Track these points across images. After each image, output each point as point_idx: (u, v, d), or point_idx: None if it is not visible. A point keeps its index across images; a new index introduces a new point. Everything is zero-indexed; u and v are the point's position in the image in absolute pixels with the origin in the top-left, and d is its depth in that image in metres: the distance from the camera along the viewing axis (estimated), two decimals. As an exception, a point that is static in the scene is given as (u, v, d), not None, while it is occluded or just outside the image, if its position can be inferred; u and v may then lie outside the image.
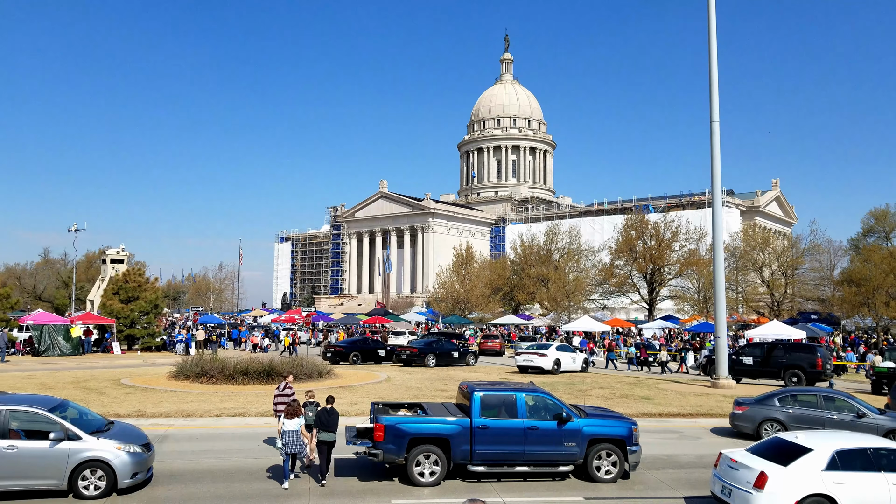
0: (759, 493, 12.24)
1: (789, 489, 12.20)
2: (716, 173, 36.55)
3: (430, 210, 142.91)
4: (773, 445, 13.54)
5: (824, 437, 13.84)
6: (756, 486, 12.34)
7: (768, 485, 12.24)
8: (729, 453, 13.66)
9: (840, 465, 12.49)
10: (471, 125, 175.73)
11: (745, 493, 12.47)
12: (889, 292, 61.78)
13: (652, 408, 27.25)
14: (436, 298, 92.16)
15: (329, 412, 15.81)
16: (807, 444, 13.02)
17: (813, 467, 12.45)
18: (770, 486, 12.22)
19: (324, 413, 15.85)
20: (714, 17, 36.90)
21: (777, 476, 12.33)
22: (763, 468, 12.52)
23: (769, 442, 13.94)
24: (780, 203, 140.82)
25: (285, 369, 30.23)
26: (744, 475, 12.71)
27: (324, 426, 15.70)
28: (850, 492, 12.21)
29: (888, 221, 72.23)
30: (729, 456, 13.50)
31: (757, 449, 13.68)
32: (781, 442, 13.51)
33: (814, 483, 12.27)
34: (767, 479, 12.29)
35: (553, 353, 41.94)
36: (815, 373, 35.52)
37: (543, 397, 16.34)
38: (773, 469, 12.48)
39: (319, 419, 15.88)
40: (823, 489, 12.21)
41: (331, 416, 15.77)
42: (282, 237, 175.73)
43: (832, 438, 13.56)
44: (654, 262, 75.45)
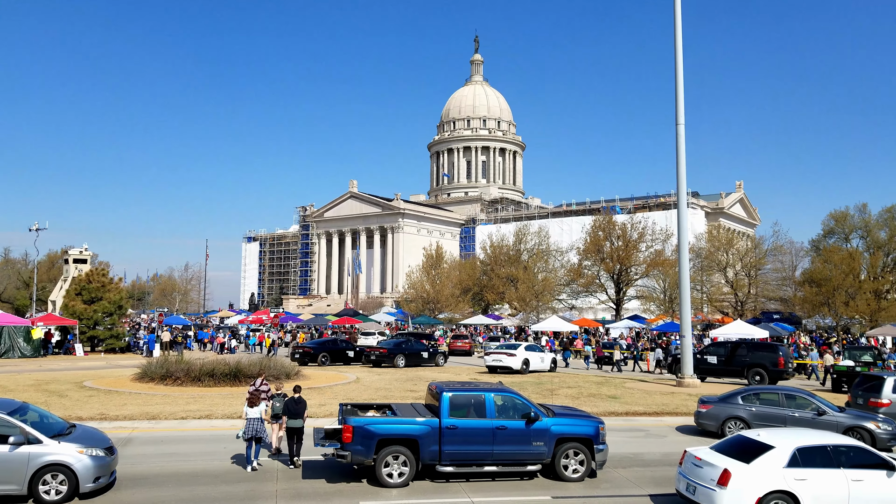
0: (723, 490, 12.42)
1: (752, 486, 12.40)
2: (681, 175, 37.13)
3: (400, 210, 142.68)
4: (736, 443, 13.74)
5: (786, 434, 14.08)
6: (720, 483, 12.51)
7: (731, 482, 12.42)
8: (693, 451, 13.83)
9: (801, 462, 12.72)
10: (441, 126, 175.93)
11: (709, 491, 12.63)
12: (848, 292, 63.32)
13: (619, 407, 27.57)
14: (405, 299, 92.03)
15: (297, 401, 17.14)
16: (769, 441, 13.24)
17: (775, 464, 12.67)
18: (733, 484, 12.40)
19: (291, 402, 17.16)
20: (680, 23, 37.47)
21: (740, 473, 12.53)
22: (726, 466, 12.70)
23: (732, 440, 14.13)
24: (744, 205, 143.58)
25: (253, 371, 30.12)
26: (708, 473, 12.89)
27: (292, 414, 17.01)
28: (810, 488, 12.46)
29: (848, 223, 73.89)
30: (693, 454, 13.66)
31: (721, 447, 13.87)
32: (744, 440, 13.72)
33: (775, 480, 12.48)
34: (731, 477, 12.47)
35: (522, 353, 42.19)
36: (777, 371, 36.30)
37: (512, 397, 16.43)
38: (736, 466, 12.67)
39: (288, 408, 17.16)
40: (785, 486, 12.43)
41: (298, 404, 17.12)
42: (250, 237, 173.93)
43: (793, 436, 13.80)
44: (622, 262, 76.36)
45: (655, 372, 44.76)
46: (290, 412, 17.05)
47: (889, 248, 69.68)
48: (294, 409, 17.08)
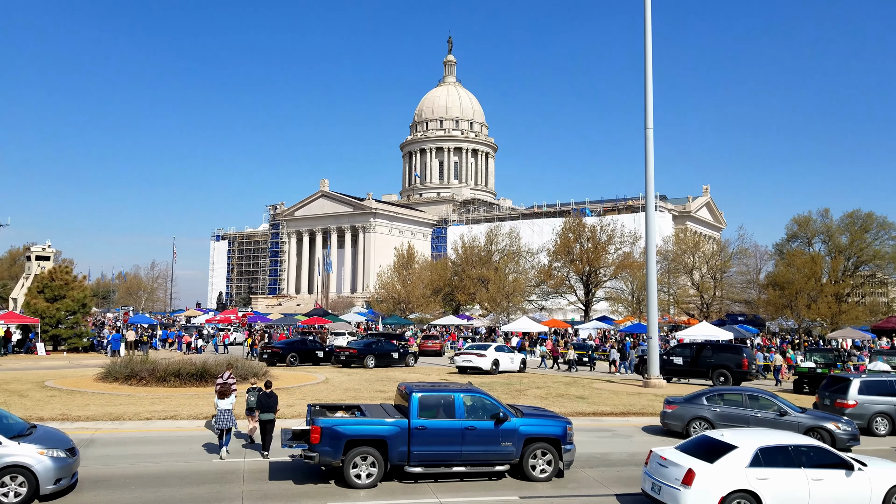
0: (688, 490, 12.60)
1: (715, 485, 12.59)
2: (649, 179, 37.62)
3: (371, 210, 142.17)
4: (701, 443, 13.94)
5: (749, 434, 14.31)
6: (684, 482, 12.68)
7: (696, 481, 12.60)
8: (659, 451, 13.99)
9: (763, 461, 12.96)
10: (413, 126, 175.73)
11: (674, 490, 12.80)
12: (810, 295, 64.65)
13: (586, 407, 27.83)
14: (376, 299, 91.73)
15: (269, 395, 18.18)
16: (732, 441, 13.45)
17: (738, 464, 12.88)
18: (697, 483, 12.58)
19: (264, 396, 18.19)
20: (650, 33, 37.94)
21: (704, 473, 12.71)
22: (691, 465, 12.88)
23: (697, 440, 14.32)
24: (710, 209, 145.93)
25: (220, 371, 29.86)
26: (673, 472, 13.06)
27: (265, 408, 18.11)
28: (772, 487, 12.71)
29: (810, 228, 75.48)
30: (659, 454, 13.83)
31: (685, 447, 14.06)
32: (708, 440, 13.92)
33: (738, 479, 12.69)
34: (695, 476, 12.65)
35: (492, 354, 42.37)
36: (741, 372, 36.96)
37: (481, 397, 16.49)
38: (700, 466, 12.85)
39: (261, 401, 18.21)
40: (747, 485, 12.64)
41: (270, 398, 18.16)
42: (218, 235, 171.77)
43: (756, 436, 14.03)
44: (591, 264, 77.07)
45: (611, 371, 45.42)
46: (263, 406, 18.09)
47: (850, 252, 71.38)
48: (266, 403, 18.11)
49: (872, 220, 71.78)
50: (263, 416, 18.10)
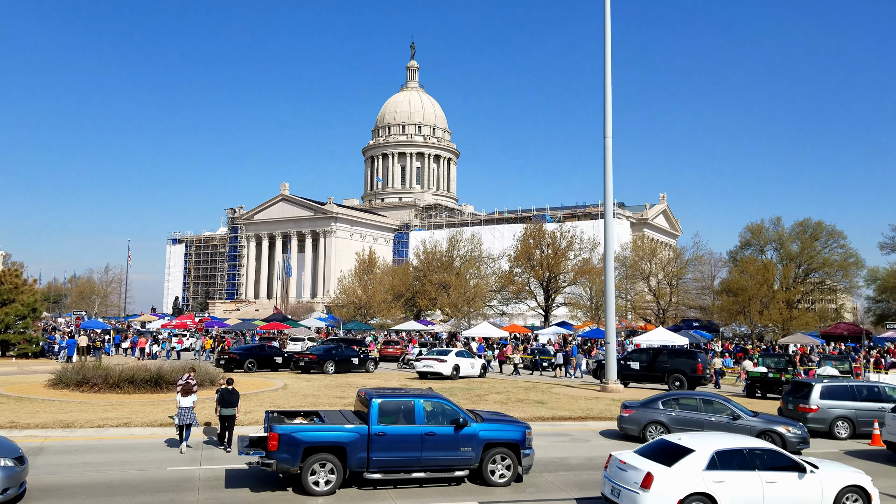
0: (646, 493, 12.78)
1: (673, 488, 12.80)
2: (608, 187, 38.23)
3: (333, 214, 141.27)
4: (659, 447, 14.17)
5: (705, 438, 14.60)
6: (643, 486, 12.87)
7: (654, 485, 12.79)
8: (618, 455, 14.17)
9: (719, 464, 13.21)
10: (376, 130, 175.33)
11: (633, 494, 12.98)
12: (763, 301, 66.36)
13: (545, 411, 28.08)
14: (337, 304, 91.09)
15: (230, 392, 19.25)
16: (689, 445, 13.72)
17: (694, 467, 13.13)
18: (656, 486, 12.78)
19: (226, 392, 19.23)
20: (609, 44, 38.61)
21: (662, 476, 12.92)
22: (649, 469, 13.08)
23: (655, 444, 14.55)
24: (667, 216, 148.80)
25: (175, 377, 29.41)
26: (632, 476, 13.24)
27: (225, 403, 19.14)
28: (727, 490, 12.96)
29: (763, 236, 77.32)
30: (618, 458, 14.01)
31: (644, 450, 14.28)
32: (666, 443, 14.17)
33: (695, 482, 12.93)
34: (654, 480, 12.84)
35: (452, 359, 42.42)
36: (695, 377, 37.76)
37: (441, 403, 16.51)
38: (658, 469, 13.06)
39: (222, 397, 19.17)
40: (704, 488, 12.89)
41: (231, 394, 19.23)
42: (175, 239, 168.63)
43: (712, 439, 14.33)
44: (551, 269, 77.82)
45: (555, 375, 46.15)
46: (224, 401, 19.13)
47: (800, 260, 73.37)
48: (228, 399, 19.16)
49: (822, 229, 73.87)
50: (224, 411, 19.17)
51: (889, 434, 20.98)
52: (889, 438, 20.99)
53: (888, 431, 21.06)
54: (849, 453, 21.54)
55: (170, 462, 17.66)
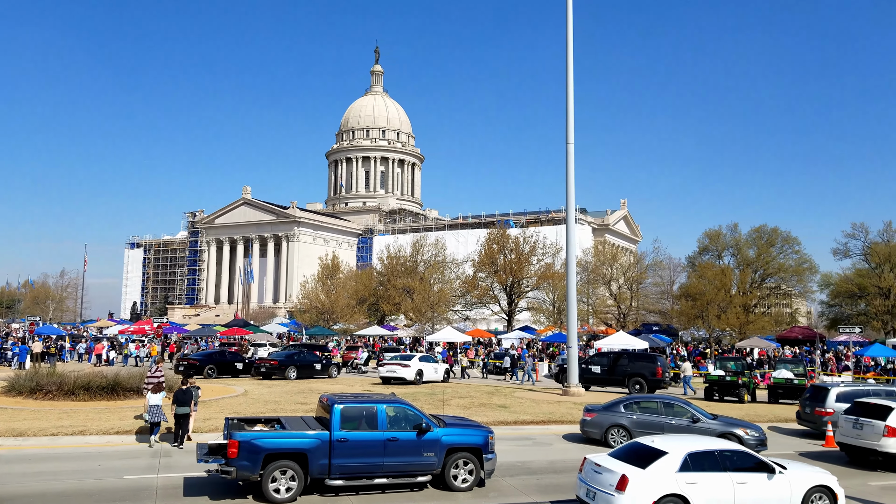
0: (621, 495, 12.94)
1: (647, 490, 13.00)
2: (570, 192, 38.70)
3: (295, 218, 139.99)
4: (633, 449, 14.37)
5: (678, 440, 14.86)
6: (618, 488, 13.05)
7: (629, 487, 12.97)
8: (593, 458, 14.32)
9: (692, 466, 13.48)
10: (340, 134, 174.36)
11: (608, 496, 13.14)
12: (720, 306, 67.64)
13: (508, 416, 28.24)
14: (299, 309, 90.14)
15: (184, 391, 20.43)
16: (662, 447, 13.94)
17: (668, 469, 13.35)
18: (630, 488, 12.96)
19: (180, 392, 20.45)
20: (571, 54, 39.09)
21: (637, 478, 13.11)
22: (624, 471, 13.27)
23: (629, 446, 14.73)
24: (628, 222, 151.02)
25: (133, 384, 28.99)
26: (607, 478, 13.42)
27: (180, 402, 20.24)
28: (700, 491, 13.22)
29: (720, 241, 78.90)
30: (593, 461, 14.14)
31: (618, 453, 14.48)
32: (640, 446, 14.38)
33: (669, 484, 13.17)
34: (628, 482, 13.03)
35: (416, 364, 42.39)
36: (655, 380, 38.32)
37: (404, 408, 16.50)
38: (633, 472, 13.25)
39: (176, 396, 20.23)
40: (677, 489, 13.14)
41: (185, 394, 20.40)
42: (133, 243, 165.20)
43: (685, 442, 14.60)
44: (514, 274, 78.28)
45: (504, 379, 46.45)
46: (179, 400, 20.22)
47: (757, 265, 75.11)
48: (182, 398, 20.28)
49: (777, 235, 75.75)
50: (179, 409, 20.10)
51: (842, 435, 21.59)
52: (842, 440, 21.59)
53: (841, 433, 21.67)
54: (803, 454, 22.10)
55: (126, 470, 17.31)
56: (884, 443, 19.94)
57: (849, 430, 21.25)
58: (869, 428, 20.47)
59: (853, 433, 21.04)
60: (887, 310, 69.48)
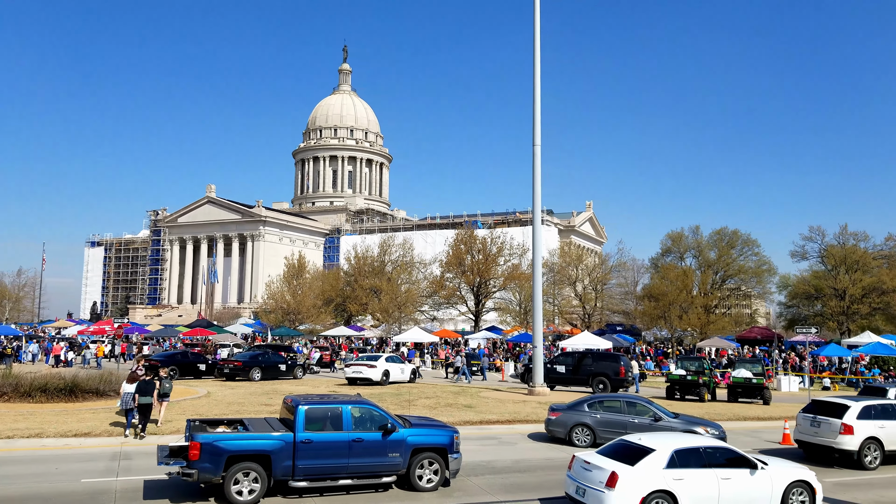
0: (611, 492, 13.25)
1: (637, 486, 13.34)
2: (537, 194, 39.01)
3: (261, 217, 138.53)
4: (621, 447, 14.70)
5: (665, 438, 15.25)
6: (608, 485, 13.36)
7: (619, 483, 13.28)
8: (582, 455, 14.64)
9: (678, 462, 13.84)
10: (307, 133, 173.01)
11: (598, 493, 13.44)
12: (682, 306, 68.84)
13: (473, 415, 28.36)
14: (265, 310, 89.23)
15: (147, 382, 21.64)
16: (649, 444, 14.30)
17: (656, 466, 13.69)
18: (620, 485, 13.27)
19: (142, 382, 21.58)
20: (538, 57, 39.42)
21: (626, 475, 13.42)
22: (613, 468, 13.57)
23: (616, 444, 15.08)
24: (593, 223, 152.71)
25: (92, 385, 28.62)
26: (597, 475, 13.73)
27: (142, 392, 21.36)
28: (687, 487, 13.61)
29: (683, 243, 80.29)
30: (582, 458, 14.46)
31: (606, 451, 14.81)
32: (628, 444, 14.70)
33: (657, 480, 13.51)
34: (618, 479, 13.34)
35: (382, 365, 42.30)
36: (618, 380, 38.84)
37: (369, 409, 16.46)
38: (622, 469, 13.57)
39: (139, 386, 21.35)
40: (665, 485, 13.48)
41: (147, 384, 21.60)
42: (94, 241, 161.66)
43: (671, 439, 14.99)
44: (481, 275, 78.59)
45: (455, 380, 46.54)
46: (141, 390, 21.33)
47: (717, 266, 76.65)
48: (144, 388, 21.39)
49: (738, 237, 77.37)
50: (141, 399, 21.22)
51: (800, 433, 22.15)
52: (799, 437, 22.13)
53: (799, 430, 22.22)
54: (762, 451, 22.58)
55: (84, 474, 16.97)
56: (840, 440, 20.50)
57: (806, 428, 21.80)
58: (826, 426, 21.01)
59: (811, 431, 21.58)
60: (842, 311, 71.38)
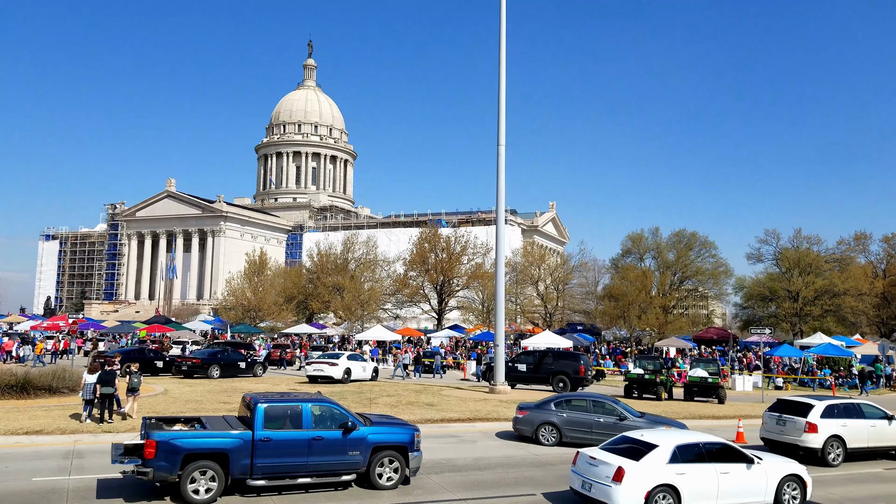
0: (618, 486, 13.74)
1: (642, 481, 13.85)
2: (500, 194, 39.26)
3: (222, 213, 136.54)
4: (624, 443, 15.26)
5: (666, 434, 15.80)
6: (615, 479, 13.84)
7: (625, 478, 13.77)
8: (586, 452, 15.13)
9: (680, 458, 14.42)
10: (270, 128, 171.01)
11: (605, 487, 13.92)
12: (641, 306, 70.02)
13: (435, 414, 28.43)
14: (225, 306, 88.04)
15: (109, 373, 22.50)
16: (653, 440, 14.85)
17: (659, 461, 14.23)
18: (627, 479, 13.77)
19: (104, 373, 22.33)
20: (504, 58, 39.60)
21: (632, 470, 13.92)
22: (620, 463, 14.04)
23: (619, 440, 15.62)
24: (556, 224, 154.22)
25: (44, 382, 28.25)
26: (603, 470, 14.19)
27: (104, 382, 22.12)
28: (688, 481, 14.18)
29: (642, 244, 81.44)
30: (588, 454, 14.94)
31: (609, 447, 15.32)
32: (631, 440, 15.26)
33: (661, 475, 14.05)
34: (625, 473, 13.82)
35: (344, 363, 42.10)
36: (578, 378, 39.35)
37: (330, 407, 16.39)
38: (628, 464, 14.05)
39: (101, 377, 22.12)
40: (668, 480, 14.04)
41: (109, 375, 22.39)
42: (48, 235, 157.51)
43: (672, 435, 15.55)
44: (445, 274, 78.70)
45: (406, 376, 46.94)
46: (103, 381, 21.98)
47: (676, 268, 77.97)
48: (106, 378, 22.17)
49: (696, 239, 78.80)
50: (104, 389, 21.93)
51: (766, 431, 22.91)
52: (766, 435, 22.84)
53: (765, 429, 22.98)
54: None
55: (36, 472, 16.57)
56: (805, 438, 21.22)
57: (772, 427, 22.56)
58: (791, 424, 21.73)
59: (776, 429, 22.32)
60: (795, 312, 73.37)
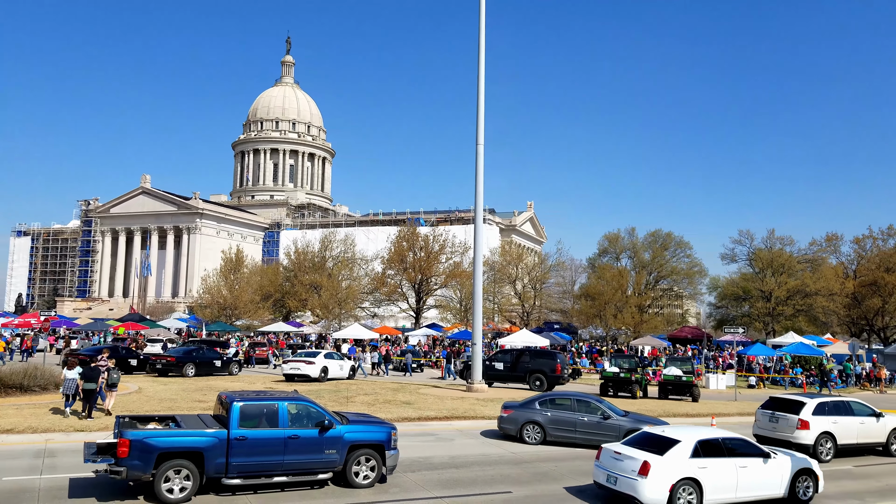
0: (644, 479, 14.28)
1: (666, 474, 14.41)
2: (479, 193, 39.33)
3: (198, 210, 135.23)
4: (646, 438, 15.78)
5: (687, 430, 16.41)
6: (640, 473, 14.38)
7: (651, 472, 14.31)
8: (610, 447, 15.69)
9: (702, 452, 15.01)
10: (247, 125, 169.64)
11: (631, 480, 14.48)
12: (617, 306, 70.64)
13: (412, 412, 28.44)
14: (200, 304, 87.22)
15: (92, 369, 22.89)
16: (675, 436, 15.39)
17: (682, 455, 14.79)
18: (652, 473, 14.31)
19: (87, 368, 22.68)
20: (483, 57, 39.61)
21: (657, 464, 14.47)
22: (645, 458, 14.57)
23: (640, 435, 16.16)
24: (534, 223, 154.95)
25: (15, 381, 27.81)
26: (628, 465, 14.74)
27: (87, 378, 22.39)
28: (709, 475, 14.78)
29: (619, 244, 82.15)
30: (612, 449, 15.51)
31: (631, 442, 15.87)
32: (652, 435, 15.80)
33: (684, 468, 14.62)
34: (650, 467, 14.35)
35: (321, 361, 41.92)
36: (554, 377, 39.61)
37: (306, 405, 16.33)
38: (653, 458, 14.59)
39: (83, 372, 22.42)
40: (691, 473, 14.62)
41: (93, 371, 22.71)
42: (20, 230, 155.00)
43: (693, 431, 16.21)
44: (423, 272, 78.72)
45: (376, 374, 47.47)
46: (85, 376, 22.25)
47: (651, 267, 78.81)
48: (89, 374, 22.48)
49: (671, 240, 79.72)
50: (86, 385, 22.18)
51: (759, 428, 23.38)
52: (759, 432, 23.21)
53: (758, 426, 23.46)
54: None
55: (7, 471, 16.31)
56: (797, 434, 21.75)
57: (765, 424, 23.08)
58: (784, 421, 22.27)
59: (769, 426, 22.83)
60: (768, 312, 74.49)
